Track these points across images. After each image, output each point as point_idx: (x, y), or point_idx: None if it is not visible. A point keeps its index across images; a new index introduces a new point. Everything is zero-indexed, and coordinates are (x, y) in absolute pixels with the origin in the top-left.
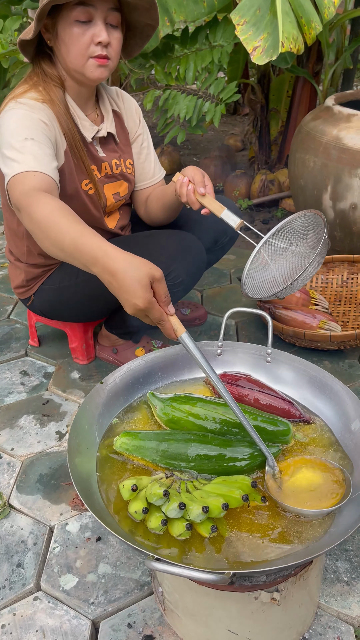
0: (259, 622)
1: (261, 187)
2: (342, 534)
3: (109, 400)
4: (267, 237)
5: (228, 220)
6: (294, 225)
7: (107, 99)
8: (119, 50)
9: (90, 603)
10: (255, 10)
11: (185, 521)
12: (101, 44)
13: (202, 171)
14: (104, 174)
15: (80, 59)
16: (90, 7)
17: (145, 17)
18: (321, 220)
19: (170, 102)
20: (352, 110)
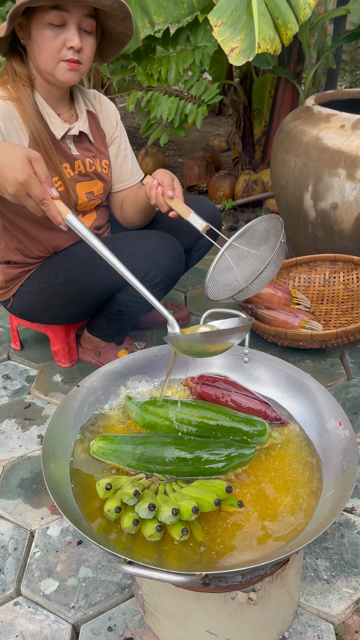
0: (238, 623)
1: (245, 188)
2: (315, 532)
3: (85, 404)
4: (230, 241)
5: (194, 224)
6: (256, 229)
7: (82, 100)
8: (92, 55)
9: (71, 607)
10: (232, 12)
11: (157, 522)
12: (73, 48)
13: (171, 174)
14: (77, 172)
15: (52, 62)
16: (65, 12)
17: (121, 25)
18: (279, 223)
19: (153, 103)
20: (332, 110)
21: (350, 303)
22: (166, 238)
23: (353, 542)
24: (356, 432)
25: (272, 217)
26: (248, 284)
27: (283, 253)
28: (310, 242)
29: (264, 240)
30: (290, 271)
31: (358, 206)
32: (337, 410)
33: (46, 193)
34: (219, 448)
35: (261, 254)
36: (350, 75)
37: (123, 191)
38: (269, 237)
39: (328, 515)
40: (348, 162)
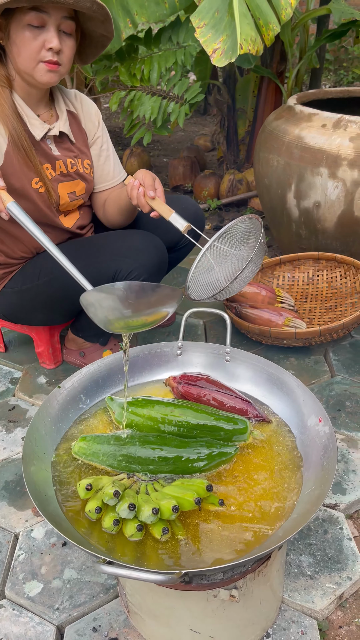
0: (221, 620)
1: (230, 187)
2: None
3: (67, 405)
4: (212, 241)
5: (175, 224)
6: (237, 229)
7: (62, 100)
8: (71, 57)
9: (55, 609)
10: (214, 13)
11: (137, 522)
12: (52, 50)
13: (153, 175)
14: (59, 172)
15: (31, 63)
16: (44, 13)
17: (100, 28)
18: (258, 224)
19: (136, 103)
20: (313, 110)
21: (334, 301)
22: (149, 237)
23: (336, 538)
24: (339, 429)
25: (251, 217)
26: (229, 284)
27: (263, 252)
28: (293, 240)
29: (245, 240)
30: (274, 270)
31: (340, 205)
32: (317, 407)
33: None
34: (200, 447)
35: (242, 254)
36: (334, 75)
37: (105, 191)
38: (249, 237)
39: (308, 511)
40: (330, 161)
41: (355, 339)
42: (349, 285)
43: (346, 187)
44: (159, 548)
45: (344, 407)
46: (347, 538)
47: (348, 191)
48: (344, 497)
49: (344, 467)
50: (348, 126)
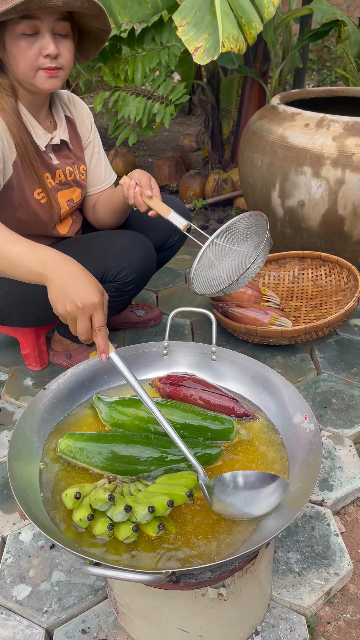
0: (209, 619)
1: (215, 187)
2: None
3: (52, 407)
4: (212, 238)
5: (175, 222)
6: (237, 226)
7: (59, 106)
8: (71, 58)
9: (44, 611)
10: (195, 11)
11: (132, 523)
12: (50, 56)
13: (148, 174)
14: (57, 182)
15: (30, 72)
16: (36, 19)
17: (96, 23)
18: (264, 220)
19: (120, 103)
20: (296, 109)
21: (319, 299)
22: (137, 237)
23: (323, 534)
24: (326, 426)
25: (254, 214)
26: (238, 277)
27: (269, 247)
28: (279, 239)
29: (246, 236)
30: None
31: (324, 203)
32: (302, 404)
33: (104, 321)
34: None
35: (243, 250)
36: (317, 75)
37: (95, 195)
38: (250, 233)
39: (294, 508)
40: (313, 160)
41: (340, 336)
42: (333, 283)
43: (330, 186)
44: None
45: (330, 404)
46: (334, 534)
47: (332, 190)
48: (330, 493)
49: (330, 464)
50: (331, 125)
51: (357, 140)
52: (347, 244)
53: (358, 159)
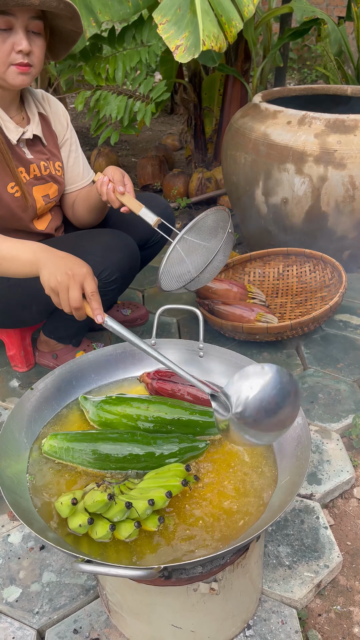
0: (201, 614)
1: (199, 185)
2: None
3: (40, 406)
4: (181, 234)
5: (146, 218)
6: (206, 222)
7: (32, 102)
8: (42, 56)
9: (35, 613)
10: (175, 9)
11: (132, 521)
12: (22, 52)
13: (122, 171)
14: (32, 176)
15: (1, 67)
16: (11, 16)
17: (69, 24)
18: (226, 215)
19: (102, 102)
20: (278, 107)
21: (304, 295)
22: (120, 236)
23: (313, 527)
24: (313, 421)
25: (219, 209)
26: (199, 274)
27: (231, 242)
28: (263, 237)
29: (214, 232)
30: (245, 266)
31: (307, 200)
32: None
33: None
34: (172, 443)
35: (211, 246)
36: (298, 73)
37: (75, 192)
38: (217, 229)
39: (283, 501)
40: (296, 157)
41: (325, 332)
42: (318, 279)
43: (313, 182)
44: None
45: (317, 399)
46: (324, 527)
47: (315, 187)
48: (319, 487)
49: (318, 458)
50: (312, 123)
51: (339, 138)
52: (330, 240)
53: (340, 156)
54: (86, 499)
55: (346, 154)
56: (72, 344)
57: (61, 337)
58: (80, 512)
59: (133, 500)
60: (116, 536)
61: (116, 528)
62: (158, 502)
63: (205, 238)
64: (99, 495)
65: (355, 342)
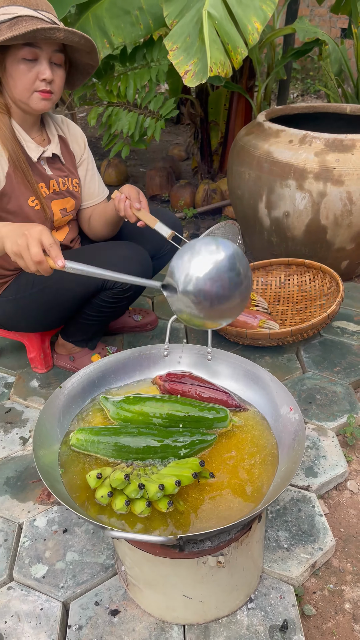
0: (209, 586)
1: (204, 196)
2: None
3: (67, 403)
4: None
5: (161, 231)
6: (215, 234)
7: (52, 125)
8: (62, 85)
9: (60, 587)
10: (185, 37)
11: (146, 500)
12: (45, 80)
13: (137, 189)
14: (52, 191)
15: (26, 93)
16: (37, 48)
17: (86, 57)
18: (236, 228)
19: (113, 118)
20: (281, 127)
21: (304, 303)
22: (134, 248)
23: (309, 515)
24: (311, 419)
25: (229, 223)
26: None
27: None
28: (266, 247)
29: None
30: None
31: (308, 214)
32: (288, 398)
33: (53, 240)
34: (184, 436)
35: None
36: (301, 84)
37: (90, 207)
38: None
39: (280, 485)
40: (297, 174)
41: (324, 337)
42: (317, 288)
43: (312, 197)
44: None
45: (314, 400)
46: (319, 515)
47: (314, 201)
48: (315, 479)
49: (315, 454)
50: (313, 142)
51: (337, 156)
52: (329, 251)
53: (338, 173)
54: (110, 476)
55: (344, 171)
56: (87, 347)
57: (78, 341)
58: (105, 485)
59: (148, 484)
60: (132, 511)
61: (131, 504)
62: (168, 488)
63: None
64: (119, 473)
65: (351, 347)
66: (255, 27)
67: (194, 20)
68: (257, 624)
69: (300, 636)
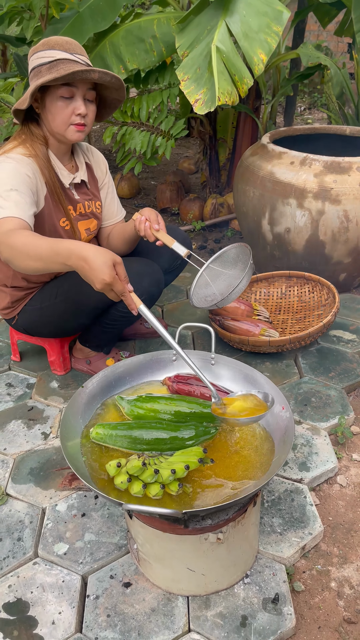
0: (210, 560)
1: (212, 210)
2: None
3: (88, 400)
4: (207, 264)
5: (178, 250)
6: (228, 254)
7: (80, 154)
8: (93, 118)
9: (80, 563)
10: (196, 69)
11: (159, 484)
12: (80, 115)
13: (156, 212)
14: (78, 213)
15: (63, 126)
16: (73, 87)
17: (115, 94)
18: (248, 250)
19: (127, 137)
20: (283, 149)
21: (303, 313)
22: (149, 264)
23: (301, 504)
24: (306, 420)
25: (241, 245)
26: (227, 295)
27: (252, 271)
28: (268, 260)
29: (234, 263)
30: (252, 286)
31: (307, 230)
32: (280, 398)
33: (126, 289)
34: (190, 430)
35: (232, 273)
36: (308, 97)
37: (109, 227)
38: (237, 260)
39: (271, 472)
40: (297, 194)
41: (321, 345)
42: (315, 299)
43: (312, 215)
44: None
45: (309, 402)
46: (310, 504)
47: (313, 219)
48: (307, 473)
49: (308, 450)
50: (312, 164)
51: (335, 177)
52: (328, 264)
53: (335, 193)
54: (127, 464)
55: (341, 191)
56: (103, 352)
57: (94, 346)
58: (123, 473)
59: (161, 469)
60: (147, 494)
61: (147, 487)
62: (178, 472)
63: (226, 267)
64: (136, 461)
65: (346, 354)
66: (260, 59)
67: (204, 54)
68: (252, 597)
69: (290, 607)
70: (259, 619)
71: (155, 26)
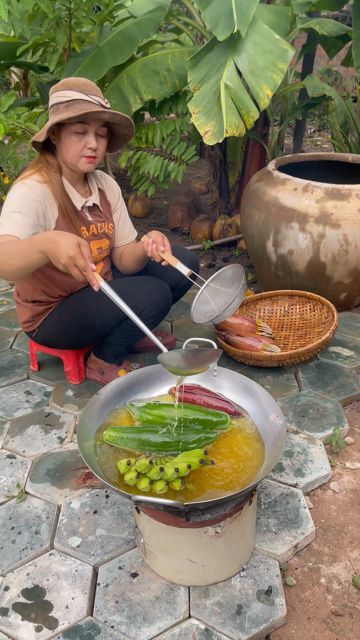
0: (209, 552)
1: (221, 230)
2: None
3: (102, 406)
4: (207, 282)
5: (181, 270)
6: (225, 274)
7: (93, 180)
8: (104, 151)
9: (91, 555)
10: (205, 103)
11: (164, 480)
12: (91, 149)
13: (162, 234)
14: (91, 233)
15: (76, 158)
16: (87, 124)
17: (125, 130)
18: (241, 270)
19: (141, 161)
20: (287, 176)
21: (305, 330)
22: (158, 283)
23: (295, 507)
24: (303, 430)
25: (236, 266)
26: (221, 312)
27: (244, 290)
28: (272, 280)
29: (231, 282)
30: (256, 304)
31: (309, 252)
32: (275, 407)
33: (88, 265)
34: (193, 434)
35: (229, 291)
36: (318, 119)
37: (121, 247)
38: (234, 280)
39: (264, 472)
40: (300, 218)
41: (320, 360)
42: (316, 317)
43: (313, 238)
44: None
45: (307, 413)
46: (303, 507)
47: (315, 242)
48: (302, 479)
49: (304, 458)
50: (314, 190)
51: (335, 203)
52: (329, 284)
53: (336, 218)
54: (136, 463)
55: (341, 216)
56: (115, 363)
57: (108, 357)
58: (132, 471)
59: (166, 468)
60: (153, 489)
61: (153, 484)
62: (181, 470)
63: (225, 285)
64: (144, 460)
65: (343, 370)
66: (266, 94)
67: (213, 90)
68: (247, 588)
69: (281, 599)
70: (253, 608)
71: (170, 60)
